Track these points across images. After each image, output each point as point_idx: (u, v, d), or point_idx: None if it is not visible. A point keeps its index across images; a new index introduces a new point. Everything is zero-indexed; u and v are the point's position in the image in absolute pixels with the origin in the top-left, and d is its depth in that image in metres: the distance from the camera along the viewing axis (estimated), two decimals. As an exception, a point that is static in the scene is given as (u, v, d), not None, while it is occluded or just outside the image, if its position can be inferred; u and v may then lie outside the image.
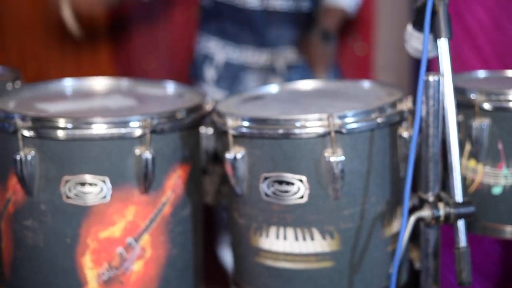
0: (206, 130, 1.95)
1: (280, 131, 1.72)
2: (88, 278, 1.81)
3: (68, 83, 2.16)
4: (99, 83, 2.16)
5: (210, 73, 2.96)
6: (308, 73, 2.84)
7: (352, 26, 3.31)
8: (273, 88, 2.10)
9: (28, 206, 1.81)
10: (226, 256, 3.20)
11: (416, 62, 3.25)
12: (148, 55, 3.42)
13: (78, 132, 1.73)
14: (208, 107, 1.94)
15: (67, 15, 2.63)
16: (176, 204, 1.86)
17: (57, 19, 3.22)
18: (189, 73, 3.07)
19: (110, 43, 3.45)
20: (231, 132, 1.77)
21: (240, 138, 1.78)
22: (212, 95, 2.72)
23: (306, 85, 2.12)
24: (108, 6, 2.86)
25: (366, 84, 2.07)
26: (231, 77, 2.92)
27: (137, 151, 1.76)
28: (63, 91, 2.13)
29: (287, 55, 2.88)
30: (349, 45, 3.37)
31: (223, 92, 2.88)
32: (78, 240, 1.79)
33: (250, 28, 2.86)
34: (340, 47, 3.24)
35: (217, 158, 2.01)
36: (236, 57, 2.88)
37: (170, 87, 2.12)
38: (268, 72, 2.87)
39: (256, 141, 1.76)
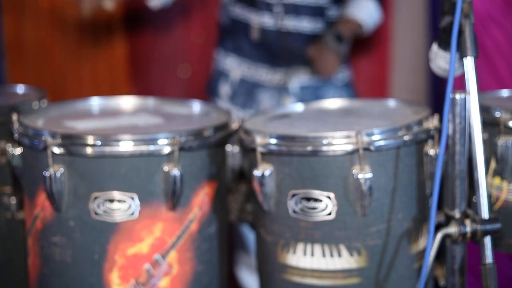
0: (232, 149, 1.96)
1: (309, 148, 1.73)
2: (115, 295, 1.82)
3: (95, 102, 2.18)
4: (126, 101, 2.18)
5: (225, 89, 2.98)
6: (320, 93, 2.87)
7: (368, 47, 3.33)
8: (298, 107, 2.11)
9: (57, 223, 1.82)
10: (243, 276, 3.20)
11: (434, 83, 3.28)
12: (168, 62, 3.45)
13: (107, 149, 1.75)
14: (234, 125, 1.95)
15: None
16: (203, 221, 1.87)
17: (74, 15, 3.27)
18: (205, 88, 3.10)
19: (126, 42, 3.48)
20: (260, 149, 1.78)
21: (268, 155, 1.79)
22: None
23: (331, 103, 2.13)
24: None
25: (391, 102, 2.09)
26: (246, 94, 2.95)
27: (166, 168, 1.77)
28: (90, 109, 2.15)
29: (301, 75, 2.90)
30: (364, 67, 3.40)
31: (236, 109, 2.90)
32: (106, 257, 1.80)
33: (265, 47, 2.89)
34: (356, 69, 3.26)
35: (241, 176, 2.03)
36: (251, 74, 2.91)
37: (196, 106, 2.13)
38: (282, 91, 2.89)
39: (284, 158, 1.77)
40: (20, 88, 2.34)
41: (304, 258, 1.80)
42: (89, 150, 1.75)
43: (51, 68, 3.54)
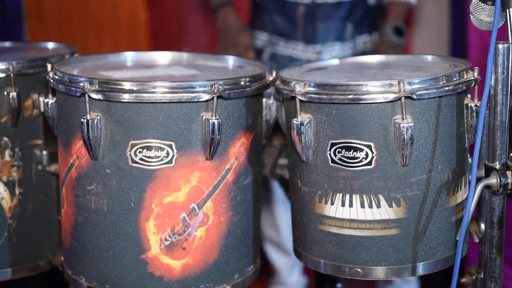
0: (267, 101, 1.95)
1: (350, 96, 1.72)
2: (151, 243, 1.81)
3: (128, 55, 2.15)
4: (159, 55, 2.16)
5: None
6: None
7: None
8: (334, 61, 2.09)
9: (93, 171, 1.80)
10: (269, 251, 3.21)
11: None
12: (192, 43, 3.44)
13: (145, 96, 1.73)
14: (269, 77, 1.93)
15: None
16: (239, 172, 1.85)
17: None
18: None
19: (147, 10, 3.46)
20: (299, 98, 1.76)
21: (307, 104, 1.77)
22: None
23: (367, 58, 2.11)
24: None
25: (429, 57, 2.06)
26: (278, 68, 2.93)
27: (204, 116, 1.75)
28: (124, 62, 2.13)
29: (335, 51, 2.88)
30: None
31: None
32: (142, 205, 1.79)
33: (299, 23, 2.87)
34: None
35: (275, 130, 2.01)
36: (284, 50, 2.89)
37: (231, 60, 2.11)
38: None
39: (324, 107, 1.75)
40: (50, 44, 2.32)
41: (342, 208, 1.79)
42: (127, 97, 1.73)
43: (72, 31, 3.53)
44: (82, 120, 1.75)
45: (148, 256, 1.81)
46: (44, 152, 2.09)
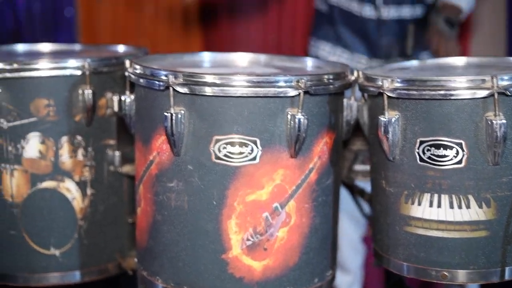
0: (347, 101, 1.91)
1: (441, 92, 1.67)
2: (232, 243, 1.76)
3: (205, 55, 2.13)
4: (236, 56, 2.13)
5: None
6: None
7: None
8: (414, 62, 2.06)
9: (174, 167, 1.77)
10: None
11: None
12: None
13: (230, 90, 1.70)
14: (351, 77, 1.89)
15: None
16: (322, 172, 1.81)
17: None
18: None
19: (203, 31, 3.45)
20: (387, 94, 1.72)
21: (395, 100, 1.73)
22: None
23: (448, 60, 2.08)
24: None
25: (512, 59, 2.03)
26: None
27: (289, 112, 1.72)
28: (200, 62, 2.10)
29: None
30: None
31: None
32: (225, 202, 1.75)
33: (364, 37, 2.86)
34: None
35: (354, 131, 1.97)
36: (348, 62, 2.86)
37: (308, 61, 2.08)
38: None
39: (413, 103, 1.71)
40: (121, 47, 2.31)
41: (430, 209, 1.74)
42: (211, 91, 1.70)
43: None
44: (166, 114, 1.71)
45: (228, 256, 1.77)
46: (117, 153, 2.06)
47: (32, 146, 1.98)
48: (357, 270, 3.39)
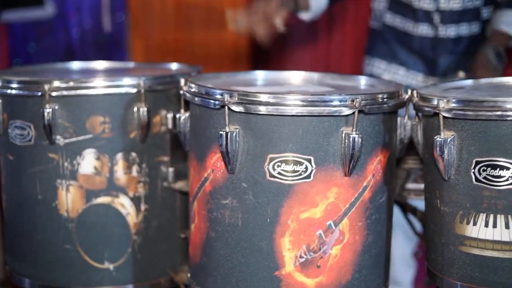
0: (401, 119, 1.91)
1: (498, 113, 1.66)
2: (285, 260, 1.77)
3: (259, 74, 2.14)
4: (289, 74, 2.14)
5: None
6: None
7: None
8: (468, 81, 2.05)
9: (229, 184, 1.78)
10: None
11: None
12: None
13: (286, 109, 1.71)
14: (405, 96, 1.89)
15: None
16: (375, 190, 1.81)
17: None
18: None
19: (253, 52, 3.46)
20: (443, 114, 1.72)
21: (451, 120, 1.73)
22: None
23: (503, 79, 2.06)
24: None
25: None
26: None
27: (344, 131, 1.72)
28: (254, 80, 2.11)
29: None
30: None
31: None
32: (278, 220, 1.76)
33: (420, 55, 2.85)
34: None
35: (408, 150, 1.97)
36: (403, 80, 2.86)
37: (362, 79, 2.09)
38: None
39: (469, 123, 1.70)
40: (174, 65, 2.33)
41: (485, 229, 1.73)
42: (266, 110, 1.71)
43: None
44: (221, 132, 1.73)
45: (282, 273, 1.77)
46: (170, 169, 2.09)
47: (88, 162, 2.01)
48: (408, 285, 3.37)
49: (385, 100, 1.79)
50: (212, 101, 1.77)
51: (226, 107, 1.73)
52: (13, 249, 2.19)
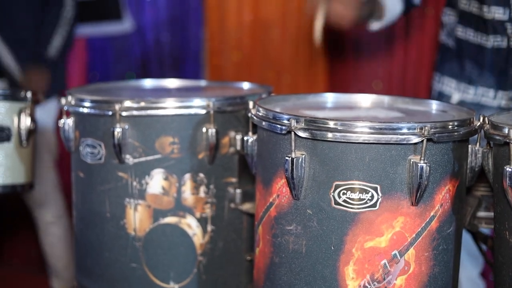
0: (473, 147, 1.87)
1: None
2: (349, 289, 1.75)
3: (329, 96, 2.13)
4: (360, 97, 2.12)
5: None
6: None
7: None
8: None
9: (293, 210, 1.77)
10: None
11: None
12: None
13: (352, 136, 1.69)
14: (477, 123, 1.85)
15: (319, 24, 2.61)
16: (443, 220, 1.77)
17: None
18: None
19: (328, 63, 3.45)
20: (514, 144, 1.67)
21: (523, 151, 1.68)
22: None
23: None
24: (353, 23, 2.80)
25: None
26: None
27: (412, 160, 1.69)
28: (324, 103, 2.10)
29: None
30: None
31: None
32: (342, 248, 1.74)
33: (492, 69, 2.77)
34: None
35: (479, 178, 1.92)
36: (474, 97, 2.79)
37: (433, 104, 2.05)
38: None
39: (541, 155, 1.65)
40: (246, 84, 2.34)
41: (556, 264, 1.67)
42: (333, 136, 1.70)
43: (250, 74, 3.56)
44: (287, 158, 1.72)
45: (345, 302, 1.75)
46: (238, 191, 2.09)
47: (156, 182, 2.03)
48: (478, 305, 3.30)
49: (455, 128, 1.76)
50: (279, 126, 1.77)
51: (293, 133, 1.72)
52: (81, 265, 2.23)
